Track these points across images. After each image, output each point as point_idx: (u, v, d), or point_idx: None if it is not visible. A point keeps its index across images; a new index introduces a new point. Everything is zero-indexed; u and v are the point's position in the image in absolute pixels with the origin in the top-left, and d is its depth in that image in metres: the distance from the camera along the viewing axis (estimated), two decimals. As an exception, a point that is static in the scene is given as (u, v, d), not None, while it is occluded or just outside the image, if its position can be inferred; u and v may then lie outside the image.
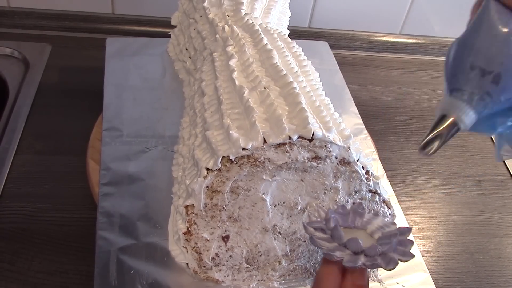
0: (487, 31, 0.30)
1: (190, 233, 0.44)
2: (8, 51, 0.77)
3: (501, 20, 0.29)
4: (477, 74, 0.30)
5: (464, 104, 0.31)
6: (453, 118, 0.31)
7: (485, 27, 0.30)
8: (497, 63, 0.29)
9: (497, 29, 0.29)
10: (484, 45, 0.30)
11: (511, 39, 0.29)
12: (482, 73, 0.30)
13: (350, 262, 0.33)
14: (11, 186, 0.58)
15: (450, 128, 0.32)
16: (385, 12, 0.90)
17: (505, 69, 0.29)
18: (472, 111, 0.31)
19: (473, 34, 0.30)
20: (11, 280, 0.49)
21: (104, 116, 0.59)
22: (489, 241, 0.62)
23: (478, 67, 0.30)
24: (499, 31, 0.29)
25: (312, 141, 0.41)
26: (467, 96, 0.30)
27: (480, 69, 0.30)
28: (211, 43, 0.57)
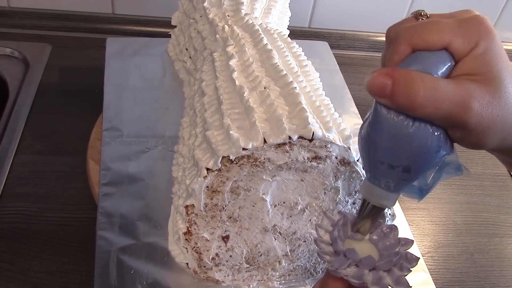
0: (385, 131, 0.29)
1: (190, 233, 0.44)
2: (8, 51, 0.77)
3: (395, 119, 0.28)
4: (388, 168, 0.30)
5: (383, 191, 0.32)
6: (375, 204, 0.33)
7: (382, 127, 0.29)
8: (403, 158, 0.29)
9: (394, 129, 0.29)
10: (386, 144, 0.29)
11: (410, 135, 0.28)
12: (392, 167, 0.30)
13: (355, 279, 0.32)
14: (11, 186, 0.58)
15: (376, 211, 0.34)
16: (385, 12, 0.90)
17: (412, 161, 0.29)
18: (392, 195, 0.32)
19: (374, 133, 0.30)
20: (11, 280, 0.49)
21: (104, 116, 0.59)
22: (489, 241, 0.62)
23: (386, 163, 0.30)
24: (397, 131, 0.28)
25: (312, 141, 0.41)
26: (384, 184, 0.31)
27: (388, 164, 0.30)
28: (211, 43, 0.57)
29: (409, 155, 0.29)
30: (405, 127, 0.28)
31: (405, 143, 0.29)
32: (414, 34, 0.29)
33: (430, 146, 0.29)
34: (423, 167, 0.30)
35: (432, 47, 0.28)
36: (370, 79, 0.28)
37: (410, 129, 0.28)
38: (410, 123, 0.28)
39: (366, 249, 0.35)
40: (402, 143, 0.29)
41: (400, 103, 0.27)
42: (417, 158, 0.29)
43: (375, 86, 0.28)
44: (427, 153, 0.29)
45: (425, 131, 0.28)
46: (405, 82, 0.27)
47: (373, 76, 0.28)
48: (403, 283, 0.33)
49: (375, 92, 0.28)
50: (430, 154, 0.29)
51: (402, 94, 0.27)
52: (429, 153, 0.29)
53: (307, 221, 0.46)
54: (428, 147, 0.29)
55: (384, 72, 0.28)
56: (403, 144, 0.29)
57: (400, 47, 0.29)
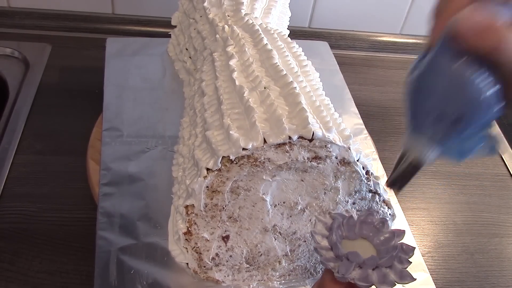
0: (445, 75, 0.28)
1: (190, 233, 0.44)
2: (8, 51, 0.77)
3: (458, 65, 0.28)
4: (437, 116, 0.29)
5: (426, 144, 0.30)
6: (416, 157, 0.31)
7: (442, 71, 0.28)
8: (456, 106, 0.29)
9: (456, 74, 0.28)
10: (442, 89, 0.28)
11: (469, 82, 0.28)
12: (442, 117, 0.29)
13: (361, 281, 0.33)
14: (11, 186, 0.58)
15: (413, 167, 0.32)
16: (385, 12, 0.90)
17: (464, 112, 0.29)
18: (434, 150, 0.31)
19: (431, 76, 0.29)
20: (11, 280, 0.49)
21: (104, 116, 0.59)
22: (489, 241, 0.62)
23: (437, 111, 0.29)
24: (458, 76, 0.28)
25: (312, 141, 0.41)
26: (429, 135, 0.30)
27: (439, 113, 0.29)
28: (211, 43, 0.57)
29: (465, 103, 0.28)
30: (467, 74, 0.27)
31: (464, 90, 0.28)
32: None
33: (487, 97, 0.28)
34: (475, 119, 0.29)
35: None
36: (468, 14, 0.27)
37: (472, 76, 0.27)
38: (474, 71, 0.27)
39: (363, 247, 0.35)
40: (461, 90, 0.28)
41: (488, 44, 0.27)
42: (471, 109, 0.28)
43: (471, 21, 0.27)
44: (482, 104, 0.28)
45: (486, 81, 0.28)
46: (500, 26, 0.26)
47: (471, 10, 0.27)
48: (406, 276, 0.33)
49: (469, 27, 0.27)
50: (485, 106, 0.28)
51: (494, 36, 0.26)
52: (484, 104, 0.28)
53: (307, 221, 0.46)
54: (484, 98, 0.28)
55: (482, 11, 0.27)
56: (462, 91, 0.28)
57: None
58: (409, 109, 0.31)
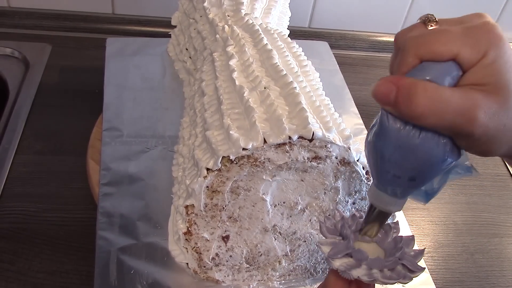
0: (391, 142, 0.29)
1: (190, 233, 0.44)
2: (8, 51, 0.77)
3: (401, 130, 0.28)
4: (393, 177, 0.30)
5: (390, 197, 0.32)
6: (382, 208, 0.33)
7: (388, 137, 0.29)
8: (409, 168, 0.29)
9: (400, 140, 0.28)
10: (391, 155, 0.29)
11: (416, 146, 0.28)
12: (398, 177, 0.30)
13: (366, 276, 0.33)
14: (11, 186, 0.58)
15: (383, 216, 0.34)
16: (385, 12, 0.90)
17: (418, 171, 0.29)
18: (398, 201, 0.32)
19: (379, 142, 0.30)
20: (11, 280, 0.49)
21: (104, 116, 0.59)
22: (489, 241, 0.62)
23: (392, 173, 0.30)
24: (403, 142, 0.28)
25: (312, 141, 0.41)
26: (390, 191, 0.31)
27: (394, 174, 0.30)
28: (211, 43, 0.57)
29: (415, 166, 0.29)
30: (411, 138, 0.28)
31: (411, 154, 0.29)
32: (422, 45, 0.29)
33: (436, 156, 0.29)
34: (430, 176, 0.30)
35: (440, 58, 0.28)
36: (376, 86, 0.28)
37: (416, 140, 0.28)
38: (417, 134, 0.28)
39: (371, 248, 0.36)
40: (408, 154, 0.29)
41: (403, 111, 0.27)
42: (423, 169, 0.29)
43: (380, 92, 0.28)
44: (433, 163, 0.29)
45: (432, 141, 0.28)
46: (408, 91, 0.27)
47: (379, 83, 0.28)
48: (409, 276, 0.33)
49: (379, 99, 0.28)
50: (437, 164, 0.29)
51: (405, 102, 0.27)
52: (435, 163, 0.29)
53: (307, 221, 0.46)
54: (434, 157, 0.29)
55: (389, 79, 0.28)
56: (409, 155, 0.29)
57: (407, 58, 0.29)
58: (370, 167, 0.32)
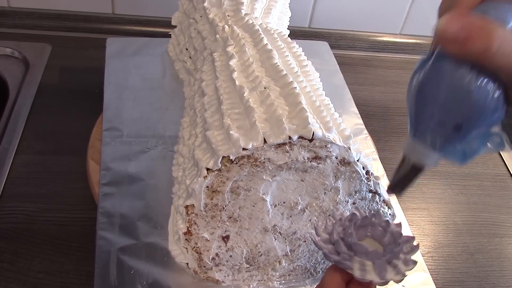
0: (444, 83, 0.27)
1: (190, 233, 0.44)
2: (8, 51, 0.77)
3: (458, 72, 0.27)
4: (438, 124, 0.29)
5: (427, 148, 0.30)
6: (416, 161, 0.31)
7: (441, 78, 0.28)
8: (458, 114, 0.28)
9: (455, 82, 0.27)
10: (442, 98, 0.28)
11: (471, 90, 0.27)
12: (443, 124, 0.29)
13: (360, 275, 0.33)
14: (11, 186, 0.58)
15: (414, 170, 0.32)
16: (385, 12, 0.90)
17: (465, 119, 0.28)
18: (435, 154, 0.30)
19: (430, 83, 0.28)
20: (11, 280, 0.49)
21: (104, 116, 0.59)
22: (489, 241, 0.62)
23: (438, 118, 0.29)
24: (458, 85, 0.27)
25: (312, 141, 0.41)
26: (430, 141, 0.30)
27: (440, 120, 0.29)
28: (211, 43, 0.57)
29: (465, 111, 0.28)
30: (468, 81, 0.27)
31: (465, 98, 0.27)
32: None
33: (489, 104, 0.27)
34: (476, 125, 0.28)
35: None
36: (444, 24, 0.26)
37: (473, 84, 0.27)
38: (474, 77, 0.27)
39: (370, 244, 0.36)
40: (461, 97, 0.27)
41: (475, 50, 0.25)
42: (472, 116, 0.28)
43: (449, 31, 0.26)
44: (484, 112, 0.28)
45: (487, 87, 0.27)
46: (483, 29, 0.25)
47: (447, 20, 0.26)
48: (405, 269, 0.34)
49: (447, 37, 0.26)
50: (487, 113, 0.28)
51: (479, 41, 0.25)
52: (486, 112, 0.28)
53: (307, 221, 0.46)
54: (487, 105, 0.27)
55: (459, 17, 0.26)
56: (462, 98, 0.27)
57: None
58: (410, 114, 0.30)
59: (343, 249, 0.34)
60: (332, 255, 0.35)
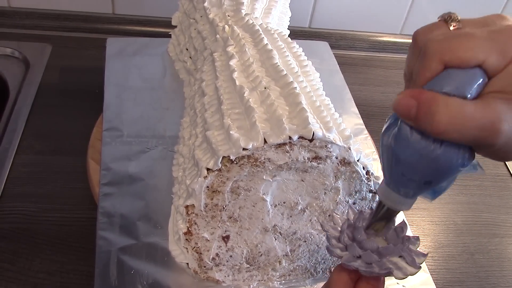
0: (411, 150, 0.29)
1: (191, 233, 0.44)
2: (8, 51, 0.77)
3: (422, 141, 0.28)
4: (408, 181, 0.30)
5: (401, 197, 0.32)
6: (391, 206, 0.33)
7: (407, 145, 0.29)
8: (426, 174, 0.29)
9: (420, 150, 0.28)
10: (410, 161, 0.29)
11: (436, 157, 0.28)
12: (413, 181, 0.30)
13: (366, 271, 0.34)
14: (12, 186, 0.58)
15: (391, 213, 0.34)
16: (385, 12, 0.90)
17: (434, 177, 0.30)
18: (409, 200, 0.32)
19: (398, 148, 0.29)
20: (11, 280, 0.49)
21: (105, 116, 0.59)
22: (490, 241, 0.62)
23: (408, 177, 0.30)
24: (423, 152, 0.28)
25: (312, 141, 0.41)
26: (403, 192, 0.31)
27: (410, 178, 0.30)
28: (212, 43, 0.57)
29: (433, 172, 0.29)
30: (431, 149, 0.28)
31: (431, 163, 0.28)
32: (447, 51, 0.28)
33: (455, 164, 0.29)
34: (445, 179, 0.30)
35: (466, 65, 0.27)
36: (397, 100, 0.28)
37: (438, 151, 0.28)
38: (438, 146, 0.28)
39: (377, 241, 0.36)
40: (428, 162, 0.29)
41: (424, 127, 0.27)
42: (440, 174, 0.29)
43: (401, 107, 0.28)
44: (451, 170, 0.29)
45: (452, 152, 0.28)
46: (430, 107, 0.27)
47: (400, 97, 0.28)
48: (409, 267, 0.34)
49: (400, 113, 0.28)
50: (455, 170, 0.29)
51: (426, 119, 0.27)
52: (453, 169, 0.29)
53: (308, 221, 0.46)
54: (453, 165, 0.29)
55: (410, 94, 0.27)
56: (429, 163, 0.29)
57: (431, 63, 0.28)
58: (382, 167, 0.32)
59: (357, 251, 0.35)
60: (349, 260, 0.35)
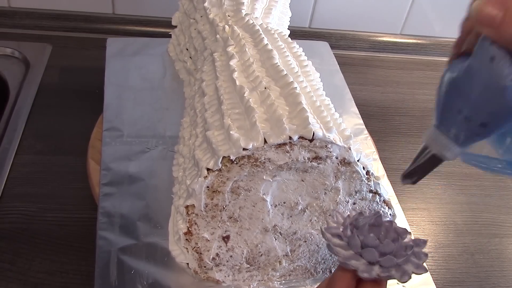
0: (479, 78, 0.27)
1: (191, 233, 0.44)
2: (8, 51, 0.77)
3: (495, 66, 0.26)
4: (465, 119, 0.28)
5: (449, 141, 0.30)
6: (437, 152, 0.31)
7: (476, 74, 0.27)
8: (485, 112, 0.27)
9: (490, 78, 0.26)
10: (474, 94, 0.27)
11: (505, 88, 0.26)
12: (470, 119, 0.28)
13: (364, 272, 0.33)
14: (12, 186, 0.58)
15: (432, 161, 0.31)
16: (385, 12, 0.90)
17: (495, 117, 0.27)
18: (456, 148, 0.30)
19: (464, 78, 0.28)
20: (11, 280, 0.49)
21: (105, 116, 0.59)
22: (490, 241, 0.62)
23: (466, 113, 0.28)
24: (492, 81, 0.26)
25: (312, 141, 0.41)
26: (453, 134, 0.29)
27: (468, 115, 0.28)
28: (212, 43, 0.57)
29: (495, 110, 0.27)
30: (502, 78, 0.26)
31: (496, 97, 0.26)
32: None
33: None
34: (503, 124, 0.28)
35: None
36: (481, 6, 0.25)
37: (507, 81, 0.26)
38: (510, 76, 0.26)
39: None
40: (493, 96, 0.26)
41: (509, 34, 0.25)
42: (501, 115, 0.27)
43: (485, 13, 0.25)
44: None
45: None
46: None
47: (484, 2, 0.25)
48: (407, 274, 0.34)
49: (483, 19, 0.25)
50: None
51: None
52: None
53: (308, 221, 0.46)
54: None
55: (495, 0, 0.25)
56: (494, 97, 0.26)
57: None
58: (438, 105, 0.30)
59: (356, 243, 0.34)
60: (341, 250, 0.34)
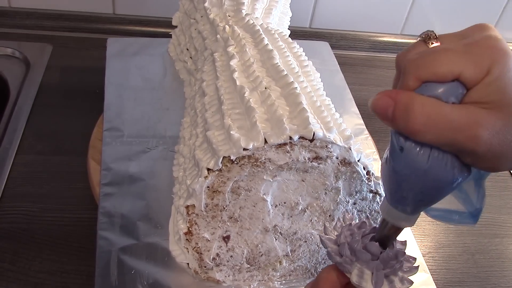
0: (400, 163, 0.29)
1: (191, 233, 0.44)
2: (9, 51, 0.77)
3: (410, 153, 0.28)
4: (405, 198, 0.30)
5: (401, 214, 0.32)
6: (394, 224, 0.33)
7: (397, 158, 0.29)
8: (416, 191, 0.29)
9: (409, 164, 0.28)
10: (401, 177, 0.29)
11: (425, 171, 0.28)
12: (407, 198, 0.30)
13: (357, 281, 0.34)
14: (12, 186, 0.58)
15: (394, 230, 0.34)
16: (386, 13, 0.90)
17: (426, 194, 0.30)
18: (410, 217, 0.32)
19: (390, 162, 0.30)
20: (11, 280, 0.49)
21: (105, 116, 0.59)
22: (490, 242, 0.62)
23: (403, 194, 0.30)
24: (412, 166, 0.28)
25: (313, 142, 0.41)
26: (401, 209, 0.32)
27: (405, 195, 0.30)
28: (212, 43, 0.57)
29: (423, 189, 0.29)
30: (419, 162, 0.28)
31: (419, 179, 0.28)
32: (422, 67, 0.28)
33: (444, 180, 0.28)
34: (438, 197, 0.30)
35: (442, 80, 0.27)
36: (374, 100, 0.28)
37: (425, 165, 0.28)
38: (425, 158, 0.28)
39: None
40: (416, 177, 0.28)
41: (400, 127, 0.27)
42: (431, 192, 0.29)
43: (378, 107, 0.28)
44: (442, 187, 0.29)
45: (440, 165, 0.28)
46: (405, 106, 0.27)
47: (377, 97, 0.28)
48: None
49: (378, 113, 0.28)
50: (445, 186, 0.29)
51: (402, 118, 0.27)
52: (444, 186, 0.29)
53: (308, 222, 0.46)
54: (442, 181, 0.28)
55: (387, 93, 0.28)
56: (417, 178, 0.29)
57: (408, 81, 0.28)
58: (384, 186, 0.32)
59: (347, 253, 0.34)
60: (335, 255, 0.35)
